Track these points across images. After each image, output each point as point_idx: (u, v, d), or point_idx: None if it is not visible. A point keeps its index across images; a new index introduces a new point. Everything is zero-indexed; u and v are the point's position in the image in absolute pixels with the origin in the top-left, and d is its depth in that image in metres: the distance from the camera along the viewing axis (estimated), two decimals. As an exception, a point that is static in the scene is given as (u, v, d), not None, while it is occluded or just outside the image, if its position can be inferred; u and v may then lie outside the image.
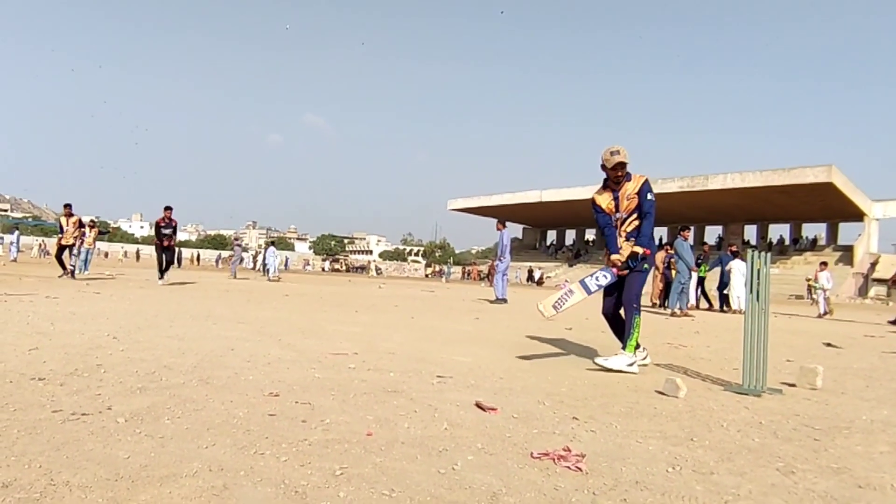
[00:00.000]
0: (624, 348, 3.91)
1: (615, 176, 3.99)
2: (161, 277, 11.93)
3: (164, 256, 12.03)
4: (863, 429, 2.66)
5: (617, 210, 4.06)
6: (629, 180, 4.00)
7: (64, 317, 5.11)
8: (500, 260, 12.53)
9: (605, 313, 4.22)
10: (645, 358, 4.19)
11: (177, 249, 12.36)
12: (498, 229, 12.49)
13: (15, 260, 23.88)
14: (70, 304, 6.39)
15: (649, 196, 3.96)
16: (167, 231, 12.08)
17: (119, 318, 5.21)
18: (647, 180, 4.00)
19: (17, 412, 2.13)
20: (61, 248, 12.50)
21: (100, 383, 2.66)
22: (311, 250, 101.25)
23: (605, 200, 4.12)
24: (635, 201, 3.98)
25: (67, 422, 2.05)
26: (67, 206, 13.14)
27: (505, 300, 12.07)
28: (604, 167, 4.02)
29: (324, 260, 63.79)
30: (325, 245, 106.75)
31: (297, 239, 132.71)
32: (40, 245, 25.49)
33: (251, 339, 4.46)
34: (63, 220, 12.94)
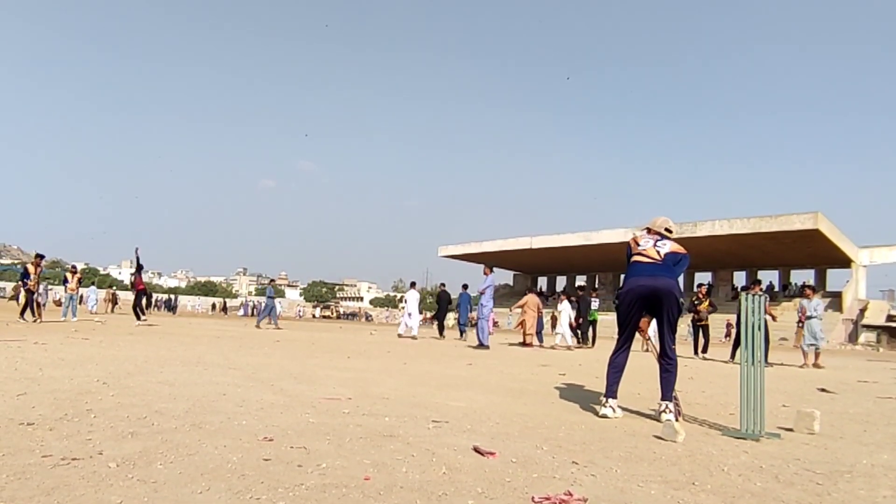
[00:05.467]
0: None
1: None
2: None
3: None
4: (864, 473, 2.64)
5: None
6: None
7: (52, 362, 5.03)
8: (482, 305, 12.44)
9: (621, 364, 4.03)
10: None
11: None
12: (485, 273, 12.48)
13: None
14: (58, 349, 6.29)
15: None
16: None
17: (108, 364, 5.13)
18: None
19: (6, 457, 2.08)
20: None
21: (90, 428, 2.61)
22: (302, 297, 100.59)
23: None
24: None
25: (58, 466, 2.00)
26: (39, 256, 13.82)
27: (487, 346, 11.92)
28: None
29: (314, 307, 63.38)
30: (316, 292, 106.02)
31: (288, 286, 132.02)
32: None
33: (243, 384, 4.40)
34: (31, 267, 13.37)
